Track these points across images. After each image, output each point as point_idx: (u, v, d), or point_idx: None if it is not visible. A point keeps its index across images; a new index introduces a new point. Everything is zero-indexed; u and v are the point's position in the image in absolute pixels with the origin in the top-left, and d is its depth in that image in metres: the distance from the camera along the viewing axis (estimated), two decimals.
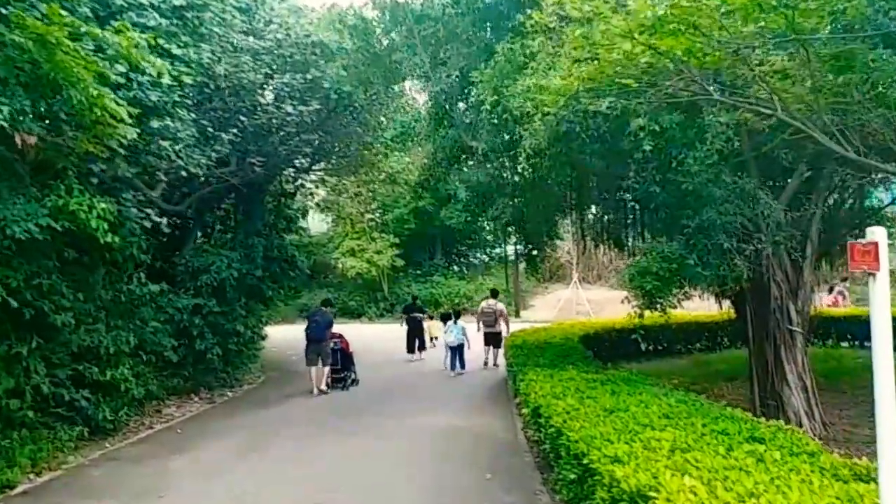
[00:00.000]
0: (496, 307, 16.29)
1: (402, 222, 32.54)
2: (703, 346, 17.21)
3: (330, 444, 9.63)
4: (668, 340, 16.86)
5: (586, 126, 7.36)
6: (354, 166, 16.42)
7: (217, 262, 13.01)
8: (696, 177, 7.12)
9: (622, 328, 15.89)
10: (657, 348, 16.84)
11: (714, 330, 17.36)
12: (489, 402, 12.79)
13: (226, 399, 13.48)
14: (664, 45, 5.48)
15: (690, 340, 17.21)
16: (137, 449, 9.65)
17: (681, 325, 16.66)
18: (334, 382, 14.09)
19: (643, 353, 16.44)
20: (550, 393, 7.67)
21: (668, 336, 16.80)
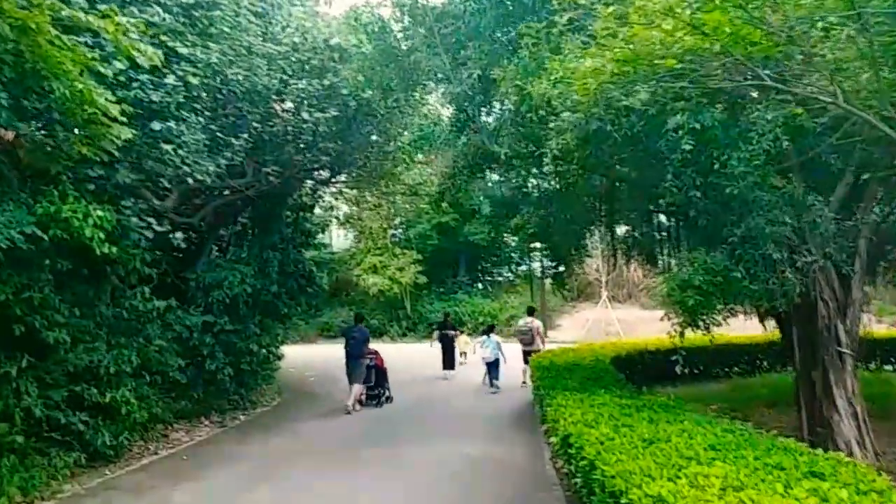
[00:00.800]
0: (532, 325, 15.92)
1: (424, 238, 32.04)
2: (741, 370, 16.41)
3: (345, 475, 8.97)
4: (705, 363, 16.04)
5: (618, 125, 6.73)
6: (374, 178, 15.93)
7: (230, 278, 12.54)
8: (741, 180, 6.44)
9: (656, 349, 15.16)
10: (693, 371, 16.02)
11: (753, 352, 16.60)
12: (515, 427, 12.08)
13: (238, 423, 12.93)
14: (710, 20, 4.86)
15: (728, 363, 16.44)
16: (138, 477, 9.10)
17: (718, 348, 15.83)
18: (368, 399, 14.11)
19: (678, 377, 15.63)
20: (581, 420, 6.98)
21: (705, 359, 15.99)
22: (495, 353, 15.86)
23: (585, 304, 32.57)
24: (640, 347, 15.13)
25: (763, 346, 16.25)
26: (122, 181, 8.49)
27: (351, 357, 13.80)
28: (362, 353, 13.82)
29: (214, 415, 12.90)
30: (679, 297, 6.80)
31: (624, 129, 6.70)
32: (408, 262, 30.57)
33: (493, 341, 15.91)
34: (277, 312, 14.33)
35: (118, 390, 9.30)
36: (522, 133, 8.22)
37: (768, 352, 16.24)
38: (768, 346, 16.20)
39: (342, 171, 16.26)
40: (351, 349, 13.85)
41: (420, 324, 31.14)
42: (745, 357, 16.49)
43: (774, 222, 6.68)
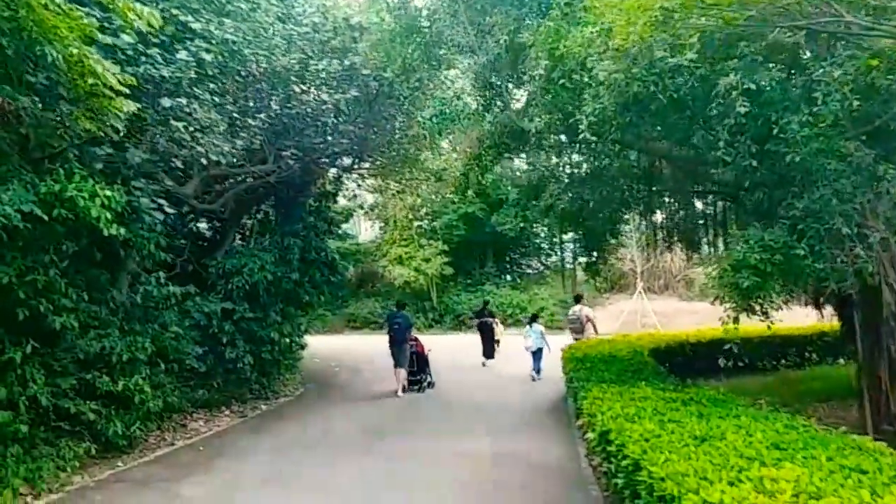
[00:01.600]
0: (581, 312, 15.58)
1: (450, 229, 31.45)
2: (790, 363, 15.51)
3: (367, 469, 8.49)
4: (750, 356, 15.17)
5: (662, 87, 6.09)
6: (397, 163, 15.39)
7: (249, 264, 12.13)
8: (803, 146, 5.75)
9: (697, 341, 14.47)
10: (737, 364, 15.18)
11: (802, 344, 15.67)
12: (550, 421, 11.50)
13: (258, 413, 12.55)
14: None
15: (775, 356, 15.52)
16: (150, 469, 8.73)
17: (764, 339, 15.03)
18: (410, 384, 14.31)
19: (721, 370, 14.84)
20: (622, 414, 6.37)
21: (750, 351, 15.14)
22: (538, 343, 15.56)
23: (619, 296, 31.69)
24: (680, 339, 14.38)
25: (812, 338, 15.43)
26: (132, 160, 8.05)
27: (395, 343, 14.08)
28: (406, 339, 14.10)
29: (235, 404, 12.55)
30: (733, 279, 6.13)
31: (669, 91, 6.04)
32: (434, 253, 30.02)
33: (537, 330, 15.69)
34: (299, 301, 13.91)
35: (131, 378, 8.91)
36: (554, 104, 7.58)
37: (818, 343, 15.42)
38: (818, 338, 15.41)
39: (364, 158, 15.77)
40: (395, 335, 14.10)
41: (446, 315, 30.60)
42: (794, 349, 15.57)
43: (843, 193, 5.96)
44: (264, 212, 15.50)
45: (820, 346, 15.45)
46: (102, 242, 8.38)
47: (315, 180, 15.52)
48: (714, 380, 13.29)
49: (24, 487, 7.31)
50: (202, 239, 14.90)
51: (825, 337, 15.23)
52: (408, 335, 14.23)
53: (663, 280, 31.63)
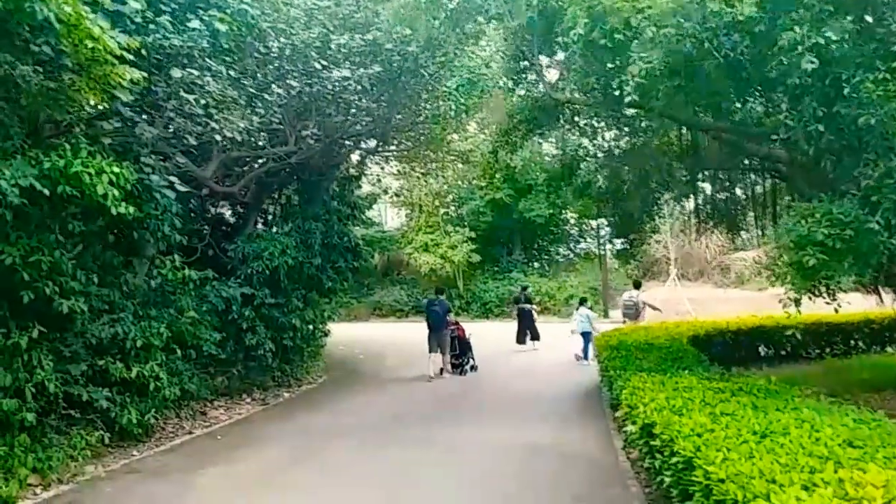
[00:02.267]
0: (637, 298, 15.46)
1: (477, 215, 30.86)
2: (835, 351, 14.74)
3: (390, 459, 8.07)
4: (793, 344, 14.48)
5: (717, 45, 5.48)
6: (423, 145, 14.85)
7: (270, 249, 11.74)
8: (879, 108, 5.11)
9: (738, 329, 13.79)
10: (779, 353, 14.53)
11: (848, 332, 14.87)
12: (583, 410, 10.96)
13: (280, 401, 12.20)
14: None
15: (819, 344, 14.78)
16: (166, 458, 8.39)
17: (808, 327, 14.31)
18: (453, 368, 14.49)
19: (763, 358, 14.21)
20: (667, 406, 5.81)
21: (793, 339, 14.45)
22: (583, 327, 15.36)
23: (652, 283, 30.83)
24: (720, 326, 13.68)
25: (859, 325, 14.64)
26: (142, 136, 7.65)
27: (432, 329, 14.19)
28: (443, 325, 14.16)
29: (257, 392, 12.22)
30: (796, 257, 5.51)
31: (724, 49, 5.42)
32: (460, 240, 29.48)
33: (583, 314, 15.53)
34: (321, 286, 13.48)
35: (146, 364, 8.57)
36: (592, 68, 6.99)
37: (865, 331, 14.65)
38: (865, 325, 14.66)
39: (388, 139, 15.26)
40: (432, 321, 14.25)
41: (473, 303, 30.08)
42: (839, 337, 14.78)
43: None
44: (287, 196, 15.12)
45: (867, 335, 14.73)
46: (115, 224, 8.04)
47: (338, 164, 15.10)
48: (755, 369, 12.66)
49: (33, 477, 7.00)
50: (225, 224, 14.60)
51: (872, 324, 14.55)
52: (447, 321, 14.29)
53: (698, 267, 30.68)
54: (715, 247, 30.39)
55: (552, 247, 35.45)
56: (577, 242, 35.05)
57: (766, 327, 14.06)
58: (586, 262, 32.86)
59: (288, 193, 15.12)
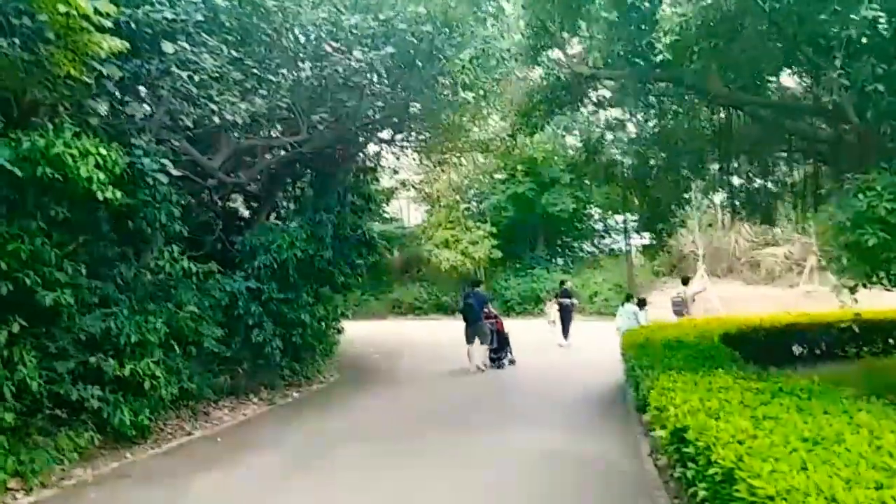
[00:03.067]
0: (685, 294, 15.22)
1: (499, 210, 30.18)
2: (874, 350, 13.86)
3: (399, 466, 7.48)
4: (828, 343, 13.69)
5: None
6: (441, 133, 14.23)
7: (278, 241, 11.24)
8: None
9: (771, 326, 12.99)
10: (813, 352, 13.72)
11: (888, 330, 14.00)
12: (606, 412, 10.32)
13: (289, 401, 11.70)
14: None
15: (856, 343, 13.93)
16: (160, 462, 7.91)
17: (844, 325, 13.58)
18: (491, 361, 14.48)
19: (797, 358, 13.39)
20: (702, 408, 5.17)
21: (829, 337, 13.66)
22: (628, 323, 14.76)
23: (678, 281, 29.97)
24: (752, 324, 12.90)
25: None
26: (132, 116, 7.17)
27: (468, 321, 14.17)
28: (479, 317, 14.10)
29: (264, 391, 11.72)
30: (853, 237, 4.82)
31: (769, 1, 4.74)
32: (481, 236, 28.84)
33: (629, 310, 15.14)
34: (333, 281, 12.95)
35: (141, 361, 8.10)
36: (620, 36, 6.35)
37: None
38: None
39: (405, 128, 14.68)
40: (467, 314, 14.22)
41: (495, 300, 29.38)
42: (878, 335, 13.91)
43: None
44: (301, 189, 14.65)
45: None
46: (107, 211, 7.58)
47: (354, 155, 14.59)
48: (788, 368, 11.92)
49: (14, 481, 6.55)
50: (237, 218, 14.18)
51: None
52: (483, 313, 14.23)
53: (726, 263, 29.69)
54: (744, 242, 29.44)
55: (576, 243, 34.65)
56: (602, 238, 34.18)
57: (800, 325, 13.34)
58: (611, 259, 32.02)
59: (302, 186, 14.66)
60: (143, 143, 7.23)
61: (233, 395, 11.22)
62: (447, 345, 19.77)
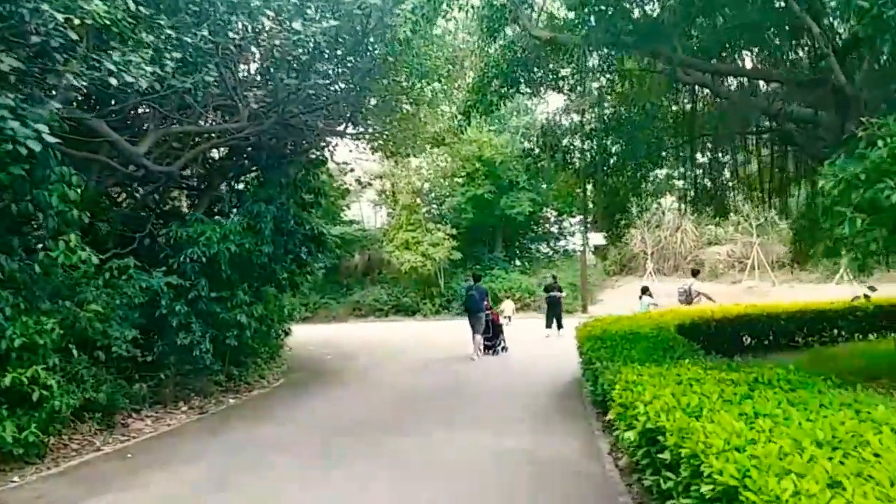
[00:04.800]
0: (691, 287, 14.81)
1: (458, 212, 28.89)
2: (817, 339, 13.18)
3: (329, 480, 6.08)
4: (774, 332, 12.98)
5: None
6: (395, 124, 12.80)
7: (208, 233, 9.69)
8: None
9: (722, 317, 12.10)
10: (761, 342, 12.83)
11: (832, 319, 13.24)
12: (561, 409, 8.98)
13: (223, 408, 10.07)
14: None
15: (801, 332, 13.25)
16: (49, 485, 6.26)
17: (791, 315, 13.09)
18: (486, 349, 14.80)
19: (747, 348, 12.50)
20: (678, 405, 3.91)
21: (776, 327, 12.92)
22: None
23: (628, 278, 29.10)
24: (705, 316, 11.91)
25: (843, 312, 12.99)
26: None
27: (470, 312, 14.54)
28: (480, 308, 14.42)
29: (195, 399, 10.09)
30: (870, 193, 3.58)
31: None
32: (441, 237, 27.46)
33: (646, 303, 14.95)
34: (275, 279, 11.42)
35: (28, 369, 6.50)
36: None
37: (850, 318, 13.12)
38: (849, 312, 12.99)
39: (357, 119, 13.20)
40: (469, 305, 14.57)
41: (454, 301, 28.06)
42: (822, 325, 13.20)
43: None
44: (245, 183, 13.07)
45: (851, 322, 13.18)
46: None
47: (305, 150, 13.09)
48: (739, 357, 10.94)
49: None
50: (173, 213, 12.54)
51: (857, 311, 12.93)
52: (484, 305, 14.52)
53: (673, 261, 29.01)
54: (689, 241, 28.89)
55: (533, 244, 33.67)
56: (558, 240, 33.22)
57: (750, 316, 12.52)
58: (566, 260, 31.00)
59: (247, 180, 13.09)
60: (9, 101, 5.61)
61: (159, 403, 9.61)
62: (404, 344, 18.41)
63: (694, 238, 28.74)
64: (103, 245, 9.60)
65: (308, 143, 13.11)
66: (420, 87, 11.79)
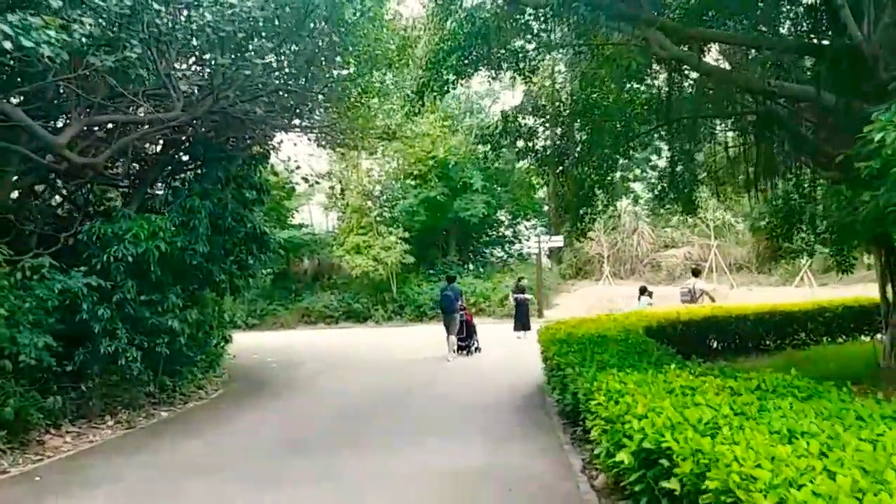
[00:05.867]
0: (694, 286, 14.59)
1: (411, 214, 28.25)
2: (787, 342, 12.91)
3: None
4: (741, 335, 12.67)
5: None
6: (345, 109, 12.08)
7: (135, 229, 8.84)
8: None
9: (689, 319, 11.75)
10: (728, 345, 12.57)
11: (801, 321, 13.09)
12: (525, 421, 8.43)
13: (153, 422, 9.21)
14: None
15: (770, 335, 12.95)
16: None
17: (760, 316, 12.73)
18: (459, 349, 15.01)
19: (715, 351, 12.21)
20: (683, 420, 3.38)
21: (745, 329, 12.56)
22: None
23: (584, 282, 28.97)
24: (671, 318, 11.56)
25: (812, 314, 12.87)
26: None
27: (444, 313, 14.93)
28: (455, 309, 14.67)
29: (123, 412, 9.19)
30: None
31: None
32: (393, 241, 26.73)
33: (644, 303, 14.89)
34: (212, 281, 10.59)
35: None
36: None
37: (818, 320, 13.00)
38: (818, 314, 12.93)
39: (303, 112, 12.46)
40: (445, 305, 14.90)
41: (407, 306, 27.35)
42: (792, 327, 12.99)
43: None
44: (182, 180, 12.16)
45: (820, 323, 13.03)
46: None
47: (245, 141, 12.27)
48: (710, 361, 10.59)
49: None
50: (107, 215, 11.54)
51: (825, 313, 12.85)
52: (457, 305, 14.74)
53: (629, 265, 29.02)
54: (646, 244, 28.96)
55: (487, 248, 33.23)
56: (512, 244, 32.90)
57: (717, 318, 12.19)
58: (521, 264, 30.67)
59: (185, 178, 12.20)
60: None
61: (83, 418, 8.71)
62: (354, 352, 17.66)
63: (651, 241, 28.80)
64: (25, 245, 8.74)
65: (251, 139, 12.33)
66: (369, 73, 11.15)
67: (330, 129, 13.19)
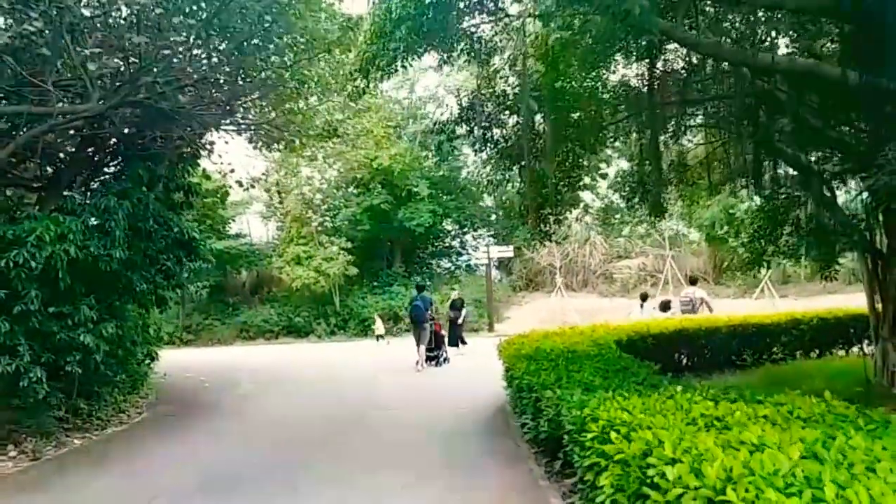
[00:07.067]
0: (695, 295, 14.17)
1: (354, 223, 27.35)
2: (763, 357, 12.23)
3: None
4: (713, 349, 12.02)
5: None
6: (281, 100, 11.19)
7: (39, 230, 7.73)
8: None
9: (659, 332, 11.14)
10: (698, 360, 12.03)
11: (775, 334, 12.46)
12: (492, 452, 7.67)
13: (64, 451, 8.11)
14: None
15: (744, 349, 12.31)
16: None
17: (732, 330, 11.91)
18: (428, 360, 15.02)
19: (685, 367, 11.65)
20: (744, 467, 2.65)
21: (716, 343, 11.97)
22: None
23: (536, 294, 28.62)
24: (641, 331, 10.95)
25: (786, 327, 12.35)
26: None
27: (415, 322, 14.85)
28: (424, 319, 14.68)
29: (29, 441, 8.06)
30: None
31: None
32: (336, 252, 25.72)
33: (648, 311, 14.36)
34: (132, 291, 9.49)
35: None
36: None
37: (793, 333, 12.19)
38: (792, 326, 12.38)
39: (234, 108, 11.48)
40: (415, 315, 14.77)
41: (351, 320, 26.36)
42: (766, 340, 12.30)
43: None
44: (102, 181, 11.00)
45: (794, 337, 12.23)
46: None
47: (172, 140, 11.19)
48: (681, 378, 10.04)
49: None
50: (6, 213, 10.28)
51: (800, 325, 12.35)
52: (426, 315, 14.69)
53: (582, 276, 28.81)
54: (599, 255, 28.81)
55: (434, 259, 32.53)
56: (460, 255, 32.32)
57: (688, 331, 11.60)
58: (469, 276, 30.12)
59: (104, 178, 11.05)
60: None
61: None
62: (295, 370, 16.60)
63: (604, 251, 28.64)
64: None
65: (180, 138, 11.25)
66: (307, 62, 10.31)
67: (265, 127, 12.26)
